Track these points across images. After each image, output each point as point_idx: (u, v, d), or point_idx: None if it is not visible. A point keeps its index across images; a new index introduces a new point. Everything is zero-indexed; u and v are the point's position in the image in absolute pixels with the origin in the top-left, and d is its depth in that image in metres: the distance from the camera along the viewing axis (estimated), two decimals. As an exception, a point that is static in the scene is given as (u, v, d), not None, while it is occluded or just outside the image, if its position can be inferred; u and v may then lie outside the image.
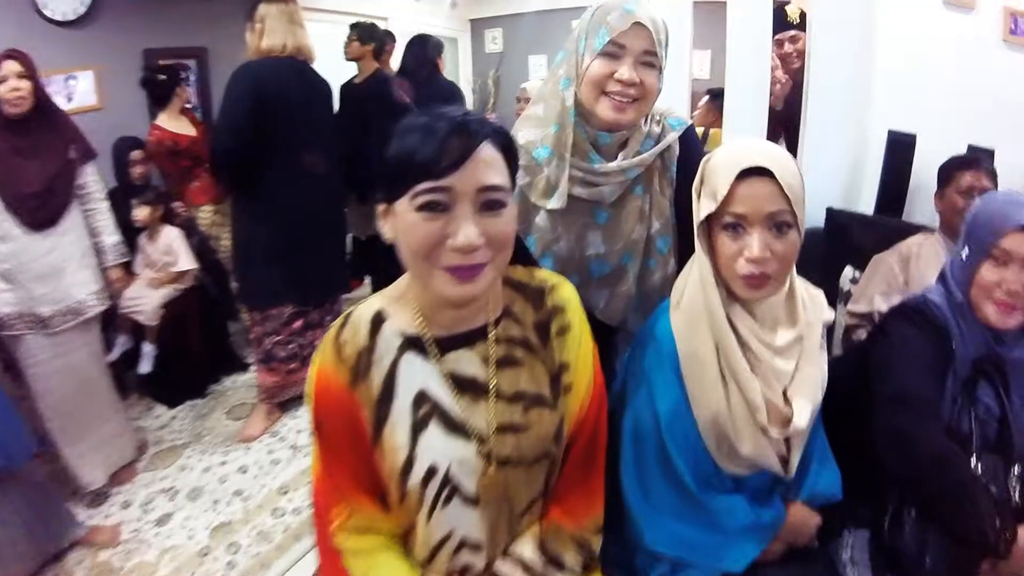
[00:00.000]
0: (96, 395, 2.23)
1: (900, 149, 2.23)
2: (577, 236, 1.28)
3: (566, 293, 1.00)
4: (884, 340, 1.28)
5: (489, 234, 0.81)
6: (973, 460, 1.17)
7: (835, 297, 2.20)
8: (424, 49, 3.92)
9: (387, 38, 3.79)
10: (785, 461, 1.09)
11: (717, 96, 2.98)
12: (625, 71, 1.16)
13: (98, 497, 2.27)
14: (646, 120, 1.28)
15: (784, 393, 1.07)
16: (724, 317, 1.04)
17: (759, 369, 1.05)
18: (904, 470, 1.09)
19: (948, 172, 2.04)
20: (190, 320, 2.98)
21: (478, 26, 6.23)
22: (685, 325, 1.08)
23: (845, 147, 2.33)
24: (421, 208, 0.80)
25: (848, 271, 2.18)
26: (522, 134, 1.28)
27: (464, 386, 0.92)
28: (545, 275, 1.02)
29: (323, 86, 2.57)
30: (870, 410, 1.16)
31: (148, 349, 2.86)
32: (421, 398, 0.90)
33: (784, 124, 2.53)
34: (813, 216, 2.30)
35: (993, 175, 2.01)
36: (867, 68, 2.30)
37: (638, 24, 1.15)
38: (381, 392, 0.89)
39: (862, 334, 1.96)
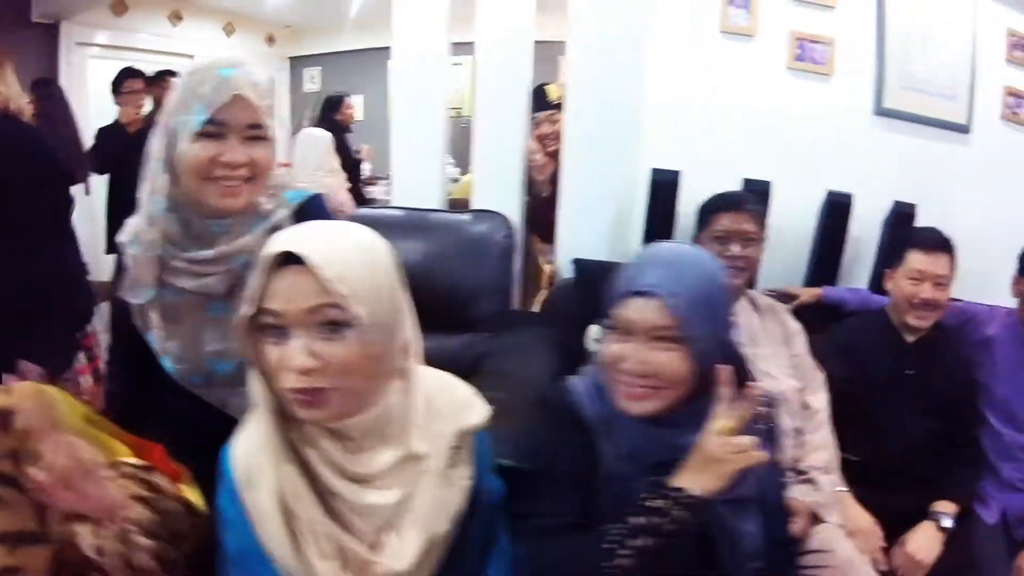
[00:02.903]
0: None
1: (663, 188, 1.98)
2: (191, 333, 1.15)
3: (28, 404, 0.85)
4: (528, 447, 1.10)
5: None
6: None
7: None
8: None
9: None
10: None
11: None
12: (231, 154, 1.04)
13: None
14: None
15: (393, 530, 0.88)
16: (279, 449, 0.86)
17: (339, 509, 0.86)
18: None
19: (704, 214, 1.78)
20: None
21: (297, 64, 6.15)
22: (243, 458, 0.88)
23: (608, 192, 2.06)
24: None
25: (594, 330, 1.85)
26: (132, 221, 1.15)
27: None
28: (13, 394, 0.87)
29: (42, 149, 2.11)
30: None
31: None
32: None
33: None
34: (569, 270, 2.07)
35: (758, 216, 1.75)
36: (635, 104, 2.09)
37: (238, 96, 1.03)
38: None
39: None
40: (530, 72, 2.16)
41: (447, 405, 0.94)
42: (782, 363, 1.73)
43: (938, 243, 1.75)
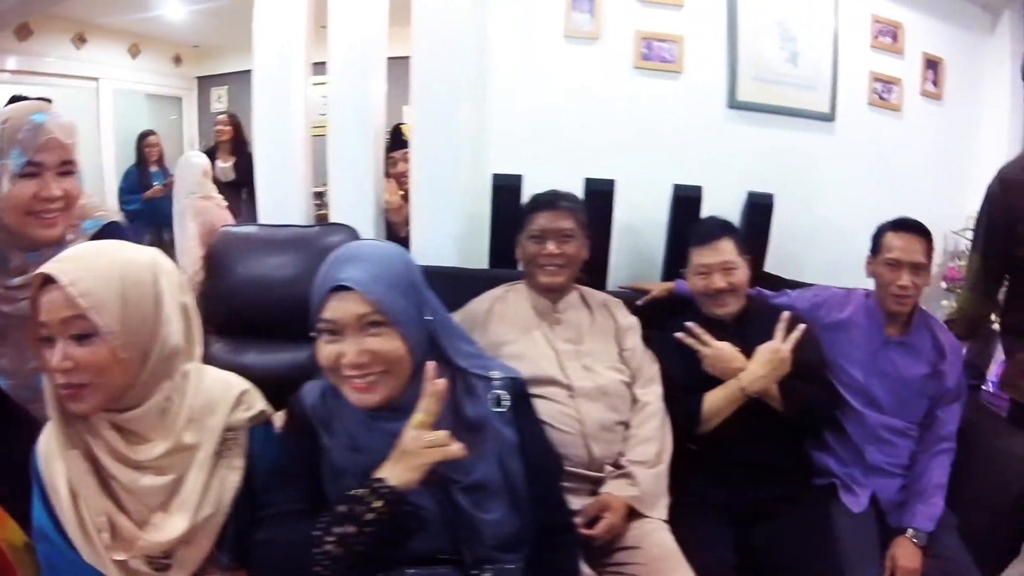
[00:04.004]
0: None
1: (505, 192, 2.00)
2: (16, 351, 1.28)
3: None
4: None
5: None
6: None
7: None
8: None
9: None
10: None
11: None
12: (48, 189, 1.21)
13: None
14: None
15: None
16: (64, 438, 0.99)
17: (116, 490, 1.00)
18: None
19: (523, 215, 1.79)
20: None
21: (205, 84, 6.22)
22: (43, 447, 1.03)
23: (456, 199, 2.10)
24: None
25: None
26: None
27: None
28: None
29: None
30: None
31: None
32: None
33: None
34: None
35: (575, 213, 1.75)
36: (479, 111, 2.15)
37: (52, 138, 1.20)
38: None
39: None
40: (383, 85, 2.22)
41: (222, 401, 1.06)
42: (610, 358, 1.73)
43: (712, 232, 1.75)
